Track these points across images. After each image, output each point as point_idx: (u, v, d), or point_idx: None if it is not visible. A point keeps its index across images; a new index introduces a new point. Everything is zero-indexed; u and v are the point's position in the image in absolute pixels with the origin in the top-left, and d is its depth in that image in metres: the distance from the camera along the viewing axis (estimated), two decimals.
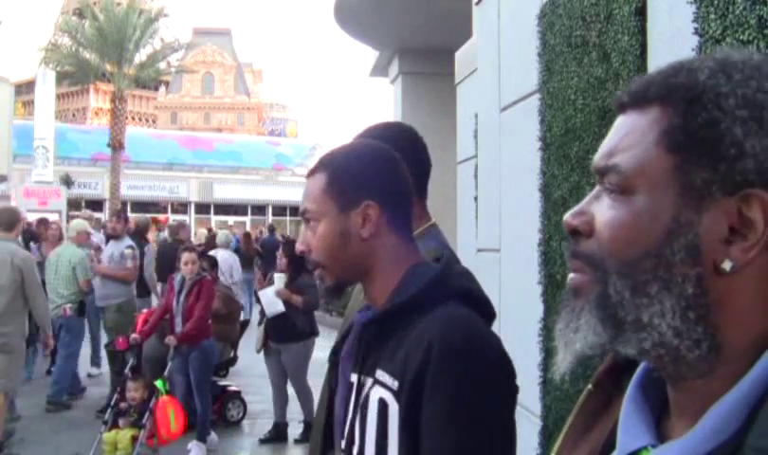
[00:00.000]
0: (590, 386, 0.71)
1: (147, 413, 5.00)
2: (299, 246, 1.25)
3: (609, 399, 0.69)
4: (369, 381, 1.13)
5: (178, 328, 5.42)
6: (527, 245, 3.54)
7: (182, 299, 5.46)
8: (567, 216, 0.64)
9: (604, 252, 0.60)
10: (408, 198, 1.24)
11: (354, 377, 1.18)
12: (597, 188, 0.63)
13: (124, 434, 4.94)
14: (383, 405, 1.09)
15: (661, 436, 0.61)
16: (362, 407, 1.13)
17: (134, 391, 5.11)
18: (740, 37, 1.94)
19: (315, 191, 1.21)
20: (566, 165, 3.24)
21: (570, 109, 3.16)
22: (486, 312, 1.17)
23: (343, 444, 1.18)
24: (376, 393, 1.10)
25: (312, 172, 1.24)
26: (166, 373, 5.37)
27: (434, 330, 1.05)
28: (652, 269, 0.57)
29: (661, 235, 0.57)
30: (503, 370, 1.08)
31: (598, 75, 2.90)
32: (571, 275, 0.64)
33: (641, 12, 2.63)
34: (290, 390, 5.96)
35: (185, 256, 5.62)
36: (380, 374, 1.11)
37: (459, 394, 1.02)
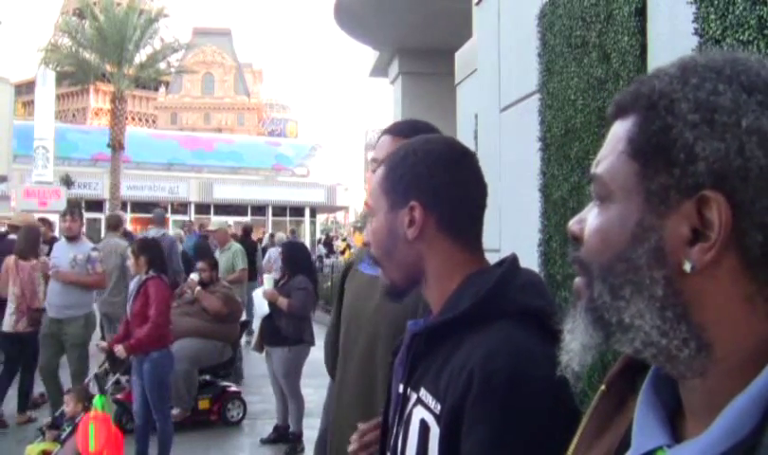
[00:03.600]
0: (603, 387, 0.73)
1: (70, 429, 4.48)
2: (364, 238, 1.24)
3: (622, 400, 0.70)
4: (413, 397, 1.10)
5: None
6: (527, 245, 3.54)
7: (131, 301, 4.90)
8: (570, 223, 0.68)
9: (589, 257, 0.64)
10: (470, 201, 1.16)
11: (401, 388, 1.15)
12: None
13: (35, 448, 4.49)
14: (424, 426, 1.05)
15: (676, 436, 0.62)
16: (405, 423, 1.10)
17: (65, 405, 4.67)
18: (740, 37, 1.94)
19: (374, 184, 1.20)
20: (566, 165, 3.23)
21: (570, 109, 3.16)
22: (549, 328, 1.00)
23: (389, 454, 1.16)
24: (419, 413, 1.07)
25: (379, 165, 1.23)
26: (108, 388, 4.96)
27: (478, 356, 0.99)
28: (624, 273, 0.60)
29: (628, 240, 0.60)
30: (554, 399, 0.97)
31: (598, 75, 2.90)
32: (576, 279, 0.67)
33: (641, 13, 2.63)
34: None
35: (128, 251, 5.08)
36: (424, 394, 1.07)
37: (498, 429, 0.96)
